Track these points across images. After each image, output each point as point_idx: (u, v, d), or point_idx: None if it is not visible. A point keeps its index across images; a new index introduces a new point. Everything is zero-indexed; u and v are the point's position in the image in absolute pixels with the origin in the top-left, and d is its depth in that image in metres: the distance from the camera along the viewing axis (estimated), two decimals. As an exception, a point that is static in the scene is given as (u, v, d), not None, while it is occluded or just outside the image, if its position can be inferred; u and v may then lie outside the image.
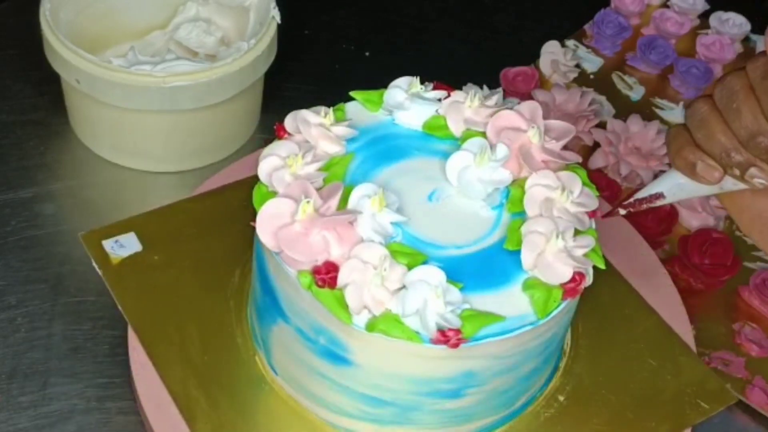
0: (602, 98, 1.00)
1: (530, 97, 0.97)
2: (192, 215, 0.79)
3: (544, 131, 0.67)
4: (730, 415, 0.77)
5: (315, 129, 0.66)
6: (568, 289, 0.61)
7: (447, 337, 0.58)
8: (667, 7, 1.09)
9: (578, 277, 0.61)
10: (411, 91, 0.70)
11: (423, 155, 0.68)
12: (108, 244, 0.75)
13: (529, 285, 0.61)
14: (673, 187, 0.65)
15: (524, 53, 1.03)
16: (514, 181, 0.66)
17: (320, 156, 0.66)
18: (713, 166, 0.62)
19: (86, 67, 0.82)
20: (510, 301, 0.61)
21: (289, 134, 0.67)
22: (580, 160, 0.67)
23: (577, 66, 1.03)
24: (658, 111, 1.00)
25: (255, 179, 0.65)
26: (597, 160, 0.93)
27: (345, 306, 0.59)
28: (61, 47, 0.83)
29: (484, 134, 0.67)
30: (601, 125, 0.95)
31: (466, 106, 0.68)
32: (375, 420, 0.66)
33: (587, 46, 1.06)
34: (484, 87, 0.73)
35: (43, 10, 0.85)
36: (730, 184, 0.63)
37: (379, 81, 0.71)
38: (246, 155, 0.88)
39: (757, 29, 1.07)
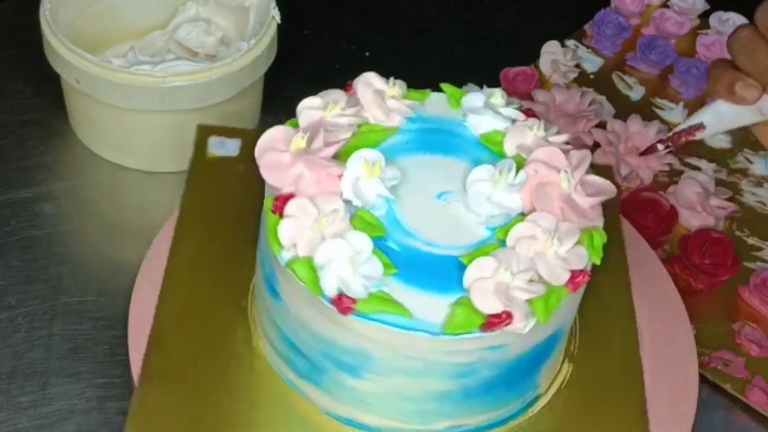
0: (602, 98, 1.00)
1: (530, 97, 0.97)
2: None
3: (581, 183, 0.64)
4: (730, 415, 0.77)
5: (371, 93, 0.68)
6: (490, 321, 0.59)
7: (341, 301, 0.59)
8: (667, 7, 1.09)
9: (505, 315, 0.59)
10: (490, 100, 0.69)
11: (463, 158, 0.68)
12: (213, 141, 0.79)
13: (460, 302, 0.60)
14: (714, 117, 0.65)
15: (524, 53, 1.03)
16: (523, 214, 0.64)
17: (361, 117, 0.67)
18: (752, 85, 0.62)
19: (86, 67, 0.82)
20: (433, 308, 0.60)
21: (353, 93, 0.69)
22: (601, 223, 0.64)
23: (577, 66, 1.03)
24: (658, 111, 1.00)
25: None
26: (597, 160, 0.93)
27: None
28: (61, 47, 0.83)
29: None
30: (601, 125, 0.95)
31: (530, 132, 0.67)
32: (294, 368, 0.67)
33: (587, 46, 1.06)
34: (484, 87, 0.73)
35: (43, 10, 0.85)
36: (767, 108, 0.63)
37: (379, 81, 0.71)
38: (246, 155, 0.88)
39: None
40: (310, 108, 0.67)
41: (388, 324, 0.60)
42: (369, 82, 0.69)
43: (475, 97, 0.70)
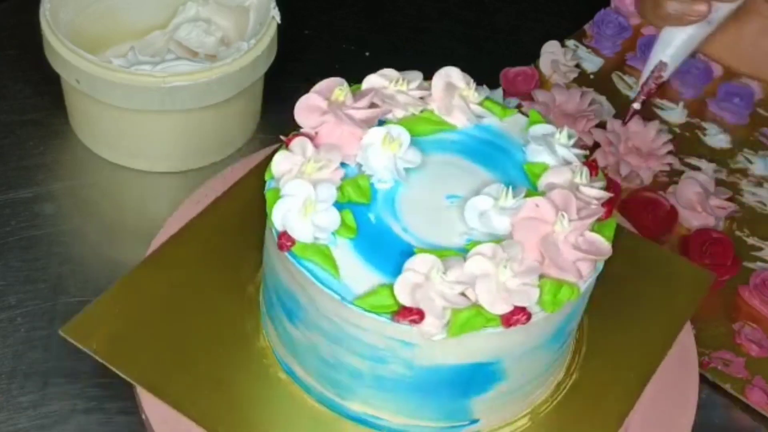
0: (602, 98, 1.00)
1: (530, 98, 0.97)
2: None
3: (579, 234, 0.62)
4: (730, 415, 0.77)
5: (441, 85, 0.69)
6: (401, 312, 0.59)
7: (282, 237, 0.61)
8: (667, 7, 1.09)
9: (417, 312, 0.59)
10: (555, 135, 0.68)
11: (496, 176, 0.67)
12: None
13: (389, 285, 0.60)
14: (667, 48, 0.62)
15: (524, 53, 1.03)
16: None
17: (425, 103, 0.69)
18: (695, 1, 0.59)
19: (86, 67, 0.82)
20: (364, 281, 0.61)
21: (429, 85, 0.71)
22: (579, 282, 0.61)
23: (577, 66, 1.03)
24: (658, 111, 1.00)
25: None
26: (597, 160, 0.93)
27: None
28: (61, 47, 0.83)
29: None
30: (601, 125, 0.95)
31: (571, 175, 0.65)
32: (266, 304, 0.70)
33: (587, 46, 1.06)
34: (484, 86, 0.73)
35: (43, 10, 0.85)
36: (715, 14, 0.60)
37: (379, 81, 0.71)
38: (246, 155, 0.88)
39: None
40: (381, 76, 0.69)
41: (312, 275, 0.61)
42: (448, 75, 0.70)
43: (542, 129, 0.69)
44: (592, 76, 1.03)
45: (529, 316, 0.60)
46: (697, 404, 0.73)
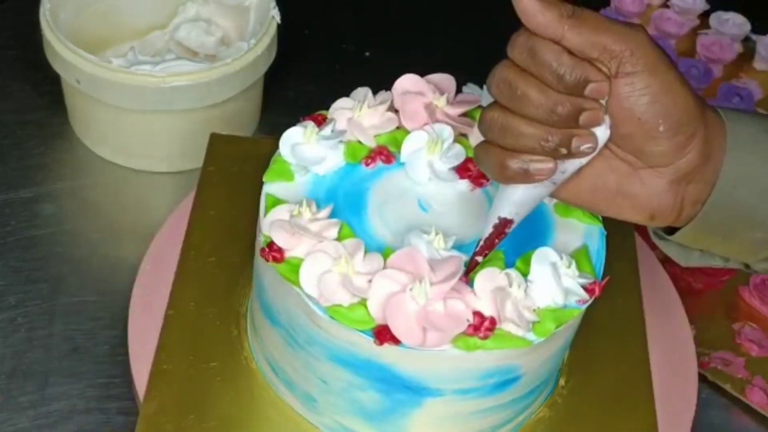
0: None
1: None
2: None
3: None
4: (730, 415, 0.77)
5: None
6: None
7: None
8: (667, 7, 1.09)
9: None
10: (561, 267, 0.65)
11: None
12: None
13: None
14: (514, 206, 0.59)
15: (524, 53, 1.03)
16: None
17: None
18: (542, 160, 0.56)
19: (86, 67, 0.82)
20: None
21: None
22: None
23: (577, 66, 1.03)
24: (658, 111, 1.00)
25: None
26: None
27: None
28: (61, 47, 0.83)
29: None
30: (601, 125, 0.95)
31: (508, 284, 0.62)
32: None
33: (587, 46, 1.06)
34: (484, 87, 0.73)
35: (43, 10, 0.85)
36: (560, 174, 0.58)
37: (379, 81, 0.71)
38: (246, 155, 0.88)
39: (757, 29, 1.07)
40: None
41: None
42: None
43: (552, 256, 0.64)
44: (592, 76, 1.03)
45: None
46: (697, 404, 0.73)
